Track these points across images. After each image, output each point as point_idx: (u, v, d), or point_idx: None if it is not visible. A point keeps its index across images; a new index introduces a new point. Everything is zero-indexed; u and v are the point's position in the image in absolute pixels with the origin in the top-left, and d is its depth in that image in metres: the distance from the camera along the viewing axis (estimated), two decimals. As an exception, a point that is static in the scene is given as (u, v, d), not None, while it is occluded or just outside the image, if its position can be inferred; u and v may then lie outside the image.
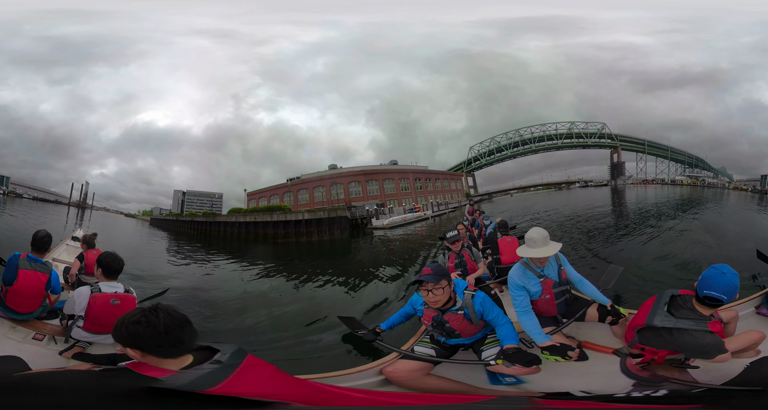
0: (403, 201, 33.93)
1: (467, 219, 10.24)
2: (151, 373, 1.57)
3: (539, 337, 3.17)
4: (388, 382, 3.31)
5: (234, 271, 14.22)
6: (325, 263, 15.58)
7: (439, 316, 3.30)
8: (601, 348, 3.34)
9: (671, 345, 2.74)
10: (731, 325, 3.27)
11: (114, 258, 3.77)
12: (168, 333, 1.63)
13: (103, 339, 3.61)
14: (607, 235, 13.79)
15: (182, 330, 1.67)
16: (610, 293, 4.02)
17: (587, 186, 39.18)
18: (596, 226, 16.38)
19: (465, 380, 3.32)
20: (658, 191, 34.84)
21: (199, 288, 10.37)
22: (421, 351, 3.45)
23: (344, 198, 32.13)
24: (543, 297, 3.47)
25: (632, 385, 2.87)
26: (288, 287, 10.56)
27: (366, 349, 4.52)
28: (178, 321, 1.67)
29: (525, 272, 3.48)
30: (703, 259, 8.45)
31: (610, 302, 3.42)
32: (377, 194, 33.38)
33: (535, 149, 39.97)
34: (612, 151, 39.02)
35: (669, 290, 2.89)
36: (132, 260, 11.30)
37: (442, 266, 3.38)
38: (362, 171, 34.26)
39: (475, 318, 3.23)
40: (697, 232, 13.21)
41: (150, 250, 21.20)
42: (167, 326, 1.63)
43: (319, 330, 5.79)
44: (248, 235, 24.96)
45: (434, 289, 3.17)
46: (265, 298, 9.20)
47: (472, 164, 41.19)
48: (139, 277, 9.86)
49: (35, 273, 3.92)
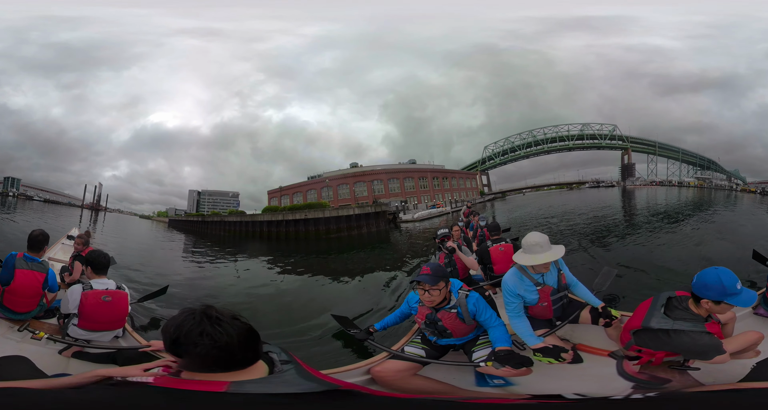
0: (422, 198, 33.92)
1: (462, 221, 10.10)
2: (208, 387, 1.26)
3: (531, 339, 3.05)
4: (374, 382, 3.19)
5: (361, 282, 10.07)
6: (383, 250, 16.53)
7: (433, 314, 3.21)
8: (596, 350, 3.21)
9: (669, 346, 2.62)
10: (729, 326, 3.13)
11: (99, 254, 3.70)
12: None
13: (100, 337, 3.53)
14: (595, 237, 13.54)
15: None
16: (603, 295, 3.85)
17: (598, 187, 38.38)
18: (592, 229, 16.12)
19: (451, 381, 3.20)
20: (659, 192, 33.88)
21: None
22: (411, 351, 3.34)
23: (367, 195, 32.20)
24: (540, 305, 3.26)
25: (632, 388, 2.79)
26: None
27: (357, 348, 4.45)
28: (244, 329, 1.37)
29: (521, 279, 3.23)
30: (704, 260, 8.23)
31: (602, 304, 3.25)
32: (398, 191, 33.44)
33: (548, 150, 39.21)
34: (623, 152, 38.25)
35: (665, 291, 2.80)
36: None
37: (442, 267, 3.25)
38: (384, 170, 34.31)
39: (468, 317, 3.13)
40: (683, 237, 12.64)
41: (204, 270, 14.63)
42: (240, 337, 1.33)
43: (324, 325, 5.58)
44: (298, 233, 23.63)
45: (431, 289, 3.08)
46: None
47: (486, 162, 40.68)
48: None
49: (32, 273, 3.79)
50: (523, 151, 39.77)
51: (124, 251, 16.47)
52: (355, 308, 6.90)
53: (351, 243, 21.11)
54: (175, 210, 35.86)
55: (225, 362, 1.31)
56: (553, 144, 39.12)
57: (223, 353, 1.28)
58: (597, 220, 18.73)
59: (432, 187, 35.44)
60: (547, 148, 39.31)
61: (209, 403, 1.19)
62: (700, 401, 1.58)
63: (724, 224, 15.88)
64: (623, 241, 12.57)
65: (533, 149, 39.55)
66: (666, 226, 15.66)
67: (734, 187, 33.67)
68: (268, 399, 1.25)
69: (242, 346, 1.33)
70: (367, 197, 32.09)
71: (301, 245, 21.61)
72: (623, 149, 37.96)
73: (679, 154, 37.19)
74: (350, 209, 25.05)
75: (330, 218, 23.84)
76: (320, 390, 1.40)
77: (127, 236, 25.37)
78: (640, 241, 12.19)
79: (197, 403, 1.19)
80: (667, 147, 37.46)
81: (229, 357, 1.30)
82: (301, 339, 5.42)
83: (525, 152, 39.74)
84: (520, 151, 39.86)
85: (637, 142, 37.83)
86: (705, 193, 33.00)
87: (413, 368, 3.25)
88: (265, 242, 23.85)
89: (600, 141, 38.21)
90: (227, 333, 1.29)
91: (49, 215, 26.73)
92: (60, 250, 7.61)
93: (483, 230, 7.39)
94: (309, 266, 14.42)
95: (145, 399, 1.24)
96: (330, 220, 23.75)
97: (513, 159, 40.32)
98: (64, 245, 8.00)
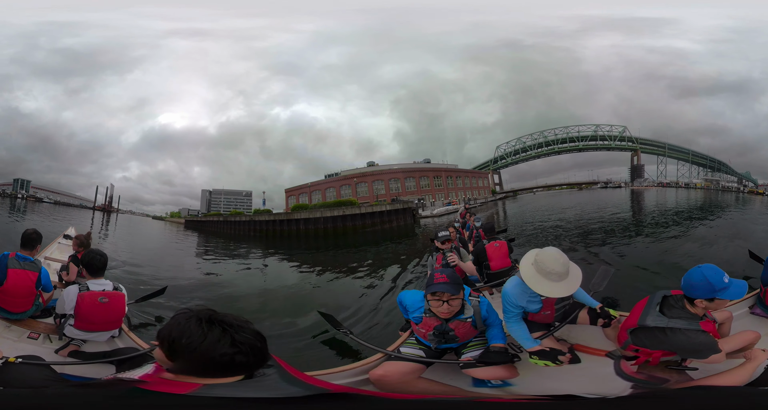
0: (436, 196, 33.99)
1: (458, 221, 9.86)
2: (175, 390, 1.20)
3: (527, 342, 2.85)
4: (368, 383, 2.94)
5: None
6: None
7: (443, 325, 2.82)
8: (593, 350, 3.09)
9: (664, 345, 2.52)
10: (726, 326, 3.05)
11: (95, 255, 3.53)
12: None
13: (96, 337, 3.43)
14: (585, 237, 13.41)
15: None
16: (600, 295, 3.71)
17: (605, 187, 37.77)
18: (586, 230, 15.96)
19: (449, 382, 3.02)
20: (664, 193, 33.19)
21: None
22: (409, 352, 3.03)
23: (385, 193, 32.40)
24: (543, 313, 3.02)
25: (631, 387, 2.70)
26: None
27: (342, 349, 4.27)
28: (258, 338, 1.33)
29: (525, 290, 2.86)
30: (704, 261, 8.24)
31: (600, 305, 3.07)
32: (414, 190, 33.55)
33: (558, 151, 38.67)
34: (632, 154, 37.47)
35: (661, 290, 2.71)
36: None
37: (455, 273, 2.93)
38: (401, 169, 34.47)
39: (480, 323, 2.90)
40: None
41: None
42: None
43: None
44: (336, 229, 23.94)
45: (451, 299, 2.69)
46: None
47: (498, 162, 40.30)
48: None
49: (24, 272, 3.62)
50: (534, 151, 39.23)
51: (161, 261, 15.30)
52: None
53: (383, 236, 22.37)
54: (188, 210, 34.55)
55: (235, 369, 1.25)
56: (564, 145, 38.56)
57: (245, 357, 1.24)
58: (590, 222, 18.58)
59: (446, 185, 35.45)
60: (558, 149, 38.71)
61: (171, 405, 1.13)
62: (702, 398, 1.50)
63: (720, 225, 15.58)
64: (623, 241, 12.43)
65: (544, 150, 38.97)
66: (657, 229, 15.44)
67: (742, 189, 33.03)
68: (238, 403, 1.18)
69: (256, 350, 1.29)
70: (385, 195, 32.23)
71: (349, 239, 22.16)
72: (632, 150, 37.36)
73: (689, 155, 36.45)
74: (383, 206, 26.58)
75: (366, 214, 25.08)
76: (302, 395, 1.32)
77: (151, 240, 24.23)
78: (631, 241, 12.09)
79: (159, 404, 1.13)
80: (677, 148, 36.60)
81: (246, 361, 1.25)
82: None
83: (536, 152, 39.17)
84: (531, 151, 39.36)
85: (646, 143, 37.00)
86: (711, 194, 32.19)
87: (417, 370, 2.96)
88: (317, 240, 22.96)
89: (610, 142, 37.56)
90: (249, 341, 1.26)
91: (57, 216, 24.95)
92: (56, 249, 7.32)
93: (478, 230, 7.19)
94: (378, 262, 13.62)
95: (97, 397, 1.19)
96: (366, 216, 24.98)
97: (524, 159, 39.83)
98: (60, 244, 7.67)
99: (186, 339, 1.21)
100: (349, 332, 3.80)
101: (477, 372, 2.76)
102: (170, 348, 1.25)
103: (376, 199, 31.02)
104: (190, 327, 1.23)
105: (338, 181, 34.00)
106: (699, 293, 2.43)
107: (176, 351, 1.24)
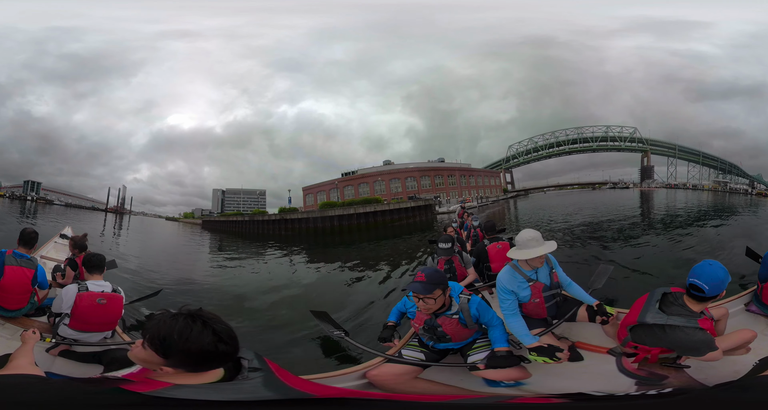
0: (450, 194, 33.94)
1: (456, 221, 9.46)
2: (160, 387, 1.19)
3: (526, 338, 2.86)
4: (371, 386, 2.89)
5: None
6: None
7: (432, 320, 2.88)
8: (595, 347, 3.03)
9: (663, 342, 2.46)
10: (722, 322, 2.98)
11: (93, 255, 3.49)
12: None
13: (89, 337, 3.31)
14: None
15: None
16: (599, 293, 3.65)
17: (614, 188, 36.90)
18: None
19: (458, 383, 2.96)
20: (671, 195, 31.92)
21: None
22: (409, 354, 3.02)
23: (401, 191, 32.48)
24: (533, 301, 3.08)
25: (635, 384, 2.64)
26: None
27: (337, 351, 4.09)
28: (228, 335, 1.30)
29: (514, 275, 3.06)
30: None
31: (597, 302, 3.06)
32: (429, 188, 33.53)
33: (569, 151, 37.98)
34: (642, 155, 36.54)
35: (660, 287, 2.61)
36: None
37: (439, 272, 2.91)
38: (417, 168, 34.38)
39: (470, 322, 2.88)
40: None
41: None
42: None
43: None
44: (368, 224, 24.87)
45: (425, 298, 2.73)
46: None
47: (510, 161, 39.77)
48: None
49: (21, 269, 3.54)
50: (545, 151, 38.62)
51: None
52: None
53: (409, 229, 23.37)
54: (201, 211, 33.45)
55: (219, 358, 1.27)
56: (575, 145, 37.93)
57: (226, 345, 1.26)
58: (592, 222, 18.21)
59: (459, 184, 35.35)
60: (568, 149, 38.08)
61: (135, 401, 1.10)
62: (709, 398, 1.47)
63: (718, 227, 14.92)
64: (622, 241, 12.17)
65: (555, 150, 38.37)
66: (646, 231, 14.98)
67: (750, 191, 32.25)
68: (205, 405, 1.15)
69: (233, 338, 1.30)
70: (402, 193, 32.25)
71: (380, 232, 22.86)
72: (642, 151, 36.67)
73: (700, 157, 35.70)
74: (407, 203, 28.28)
75: (393, 210, 26.77)
76: (280, 399, 1.30)
77: (180, 245, 22.19)
78: (633, 242, 11.76)
79: (136, 402, 1.10)
80: (687, 150, 35.80)
81: (227, 349, 1.27)
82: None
83: (548, 152, 38.57)
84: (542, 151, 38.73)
85: (657, 145, 36.18)
86: (719, 196, 30.95)
87: (413, 371, 2.96)
88: (337, 236, 22.64)
89: (620, 143, 36.80)
90: (226, 330, 1.28)
91: (66, 221, 21.10)
92: (52, 249, 7.08)
93: (476, 230, 6.90)
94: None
95: (77, 393, 1.17)
96: (393, 212, 26.64)
97: (535, 159, 39.18)
98: (56, 243, 7.41)
99: (177, 334, 1.23)
100: (345, 333, 3.65)
101: (489, 373, 2.73)
102: (163, 346, 1.25)
103: (393, 197, 31.29)
104: (179, 323, 1.25)
105: (356, 179, 33.99)
106: (720, 290, 2.37)
107: (170, 347, 1.24)
